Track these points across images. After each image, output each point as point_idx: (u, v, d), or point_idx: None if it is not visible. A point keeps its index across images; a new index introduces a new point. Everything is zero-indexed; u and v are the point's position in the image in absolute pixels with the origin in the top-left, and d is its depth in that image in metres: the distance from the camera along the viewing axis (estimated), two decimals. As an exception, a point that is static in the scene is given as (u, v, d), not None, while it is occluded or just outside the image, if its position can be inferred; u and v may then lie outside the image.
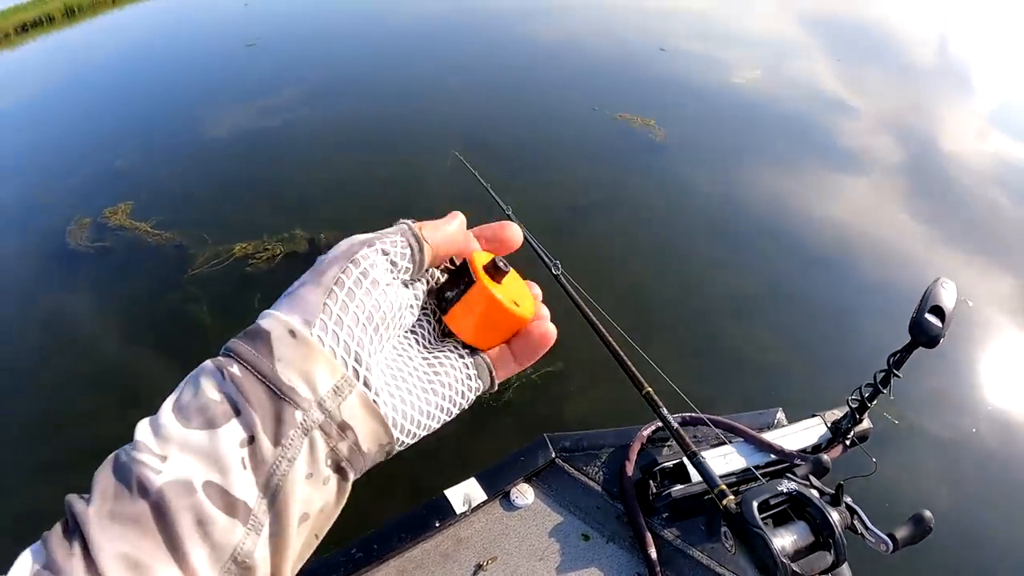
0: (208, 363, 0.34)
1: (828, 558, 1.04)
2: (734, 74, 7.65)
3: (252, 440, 0.32)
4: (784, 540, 0.99)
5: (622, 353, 1.78)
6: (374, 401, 0.35)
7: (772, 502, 1.04)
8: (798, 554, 1.00)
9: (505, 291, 0.41)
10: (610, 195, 5.17)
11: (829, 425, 2.06)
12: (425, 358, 0.42)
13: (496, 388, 0.44)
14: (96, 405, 3.49)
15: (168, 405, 0.33)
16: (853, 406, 2.00)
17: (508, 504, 2.00)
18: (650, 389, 1.76)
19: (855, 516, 1.23)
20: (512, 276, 0.43)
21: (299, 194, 5.37)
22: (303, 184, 5.51)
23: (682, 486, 1.92)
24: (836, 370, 3.50)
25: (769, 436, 2.00)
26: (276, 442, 0.32)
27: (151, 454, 0.31)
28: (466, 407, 0.43)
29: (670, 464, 1.94)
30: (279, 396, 0.33)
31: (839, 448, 2.04)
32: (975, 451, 3.19)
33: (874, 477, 1.84)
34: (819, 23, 9.80)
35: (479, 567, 1.91)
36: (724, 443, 1.96)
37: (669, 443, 2.06)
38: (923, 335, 1.71)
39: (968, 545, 2.67)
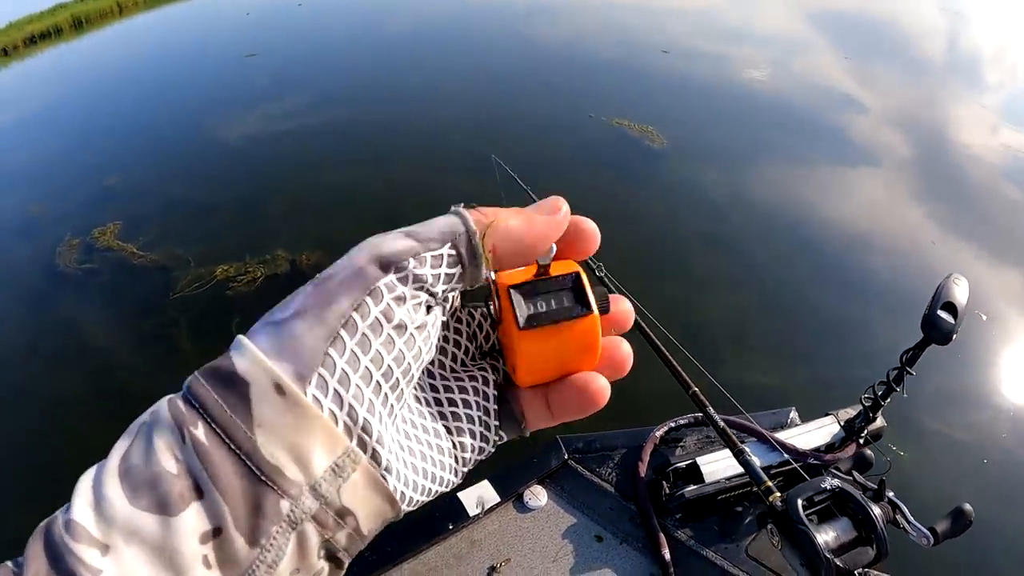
0: (164, 408, 0.26)
1: (870, 553, 1.05)
2: (737, 76, 7.56)
3: (219, 533, 0.24)
4: (827, 536, 1.00)
5: (668, 353, 1.76)
6: (383, 477, 0.27)
7: (816, 499, 1.06)
8: (841, 549, 1.01)
9: None
10: (605, 204, 5.10)
11: (842, 424, 2.05)
12: (436, 398, 0.33)
13: (528, 435, 0.35)
14: (77, 430, 3.44)
15: (114, 463, 0.25)
16: (866, 404, 1.99)
17: (521, 506, 2.00)
18: (696, 389, 1.75)
19: (897, 511, 1.24)
20: None
21: (285, 211, 5.28)
22: (289, 200, 5.42)
23: (695, 486, 1.92)
24: (849, 368, 3.48)
25: (783, 435, 2.00)
26: (253, 541, 0.24)
27: (90, 543, 0.23)
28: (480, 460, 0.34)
29: (683, 465, 1.94)
30: (258, 478, 0.24)
31: (852, 447, 2.04)
32: (991, 449, 3.17)
33: (891, 474, 1.84)
34: (825, 20, 9.76)
35: (493, 569, 1.91)
36: (740, 442, 1.96)
37: (682, 443, 2.06)
38: (936, 332, 1.71)
39: (982, 544, 2.66)
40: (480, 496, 1.97)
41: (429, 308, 0.29)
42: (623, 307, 0.34)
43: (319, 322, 0.26)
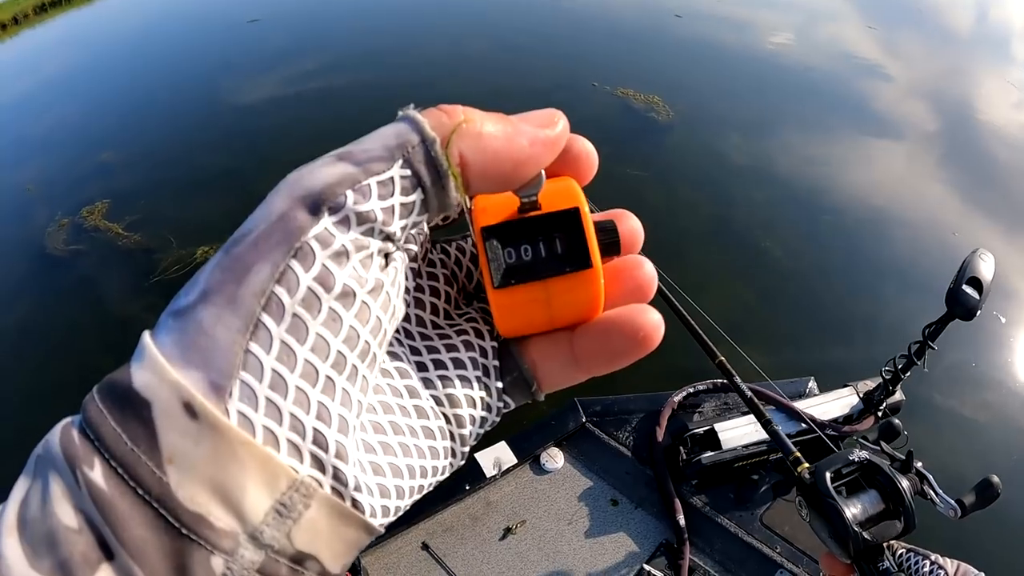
0: (55, 441, 0.19)
1: (898, 526, 1.06)
2: (753, 42, 7.20)
3: None
4: (855, 509, 1.02)
5: (693, 322, 1.75)
6: (354, 503, 0.21)
7: (844, 471, 1.06)
8: (869, 521, 1.02)
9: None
10: (599, 182, 4.96)
11: (861, 396, 2.05)
12: (419, 362, 0.25)
13: (543, 399, 0.27)
14: (49, 424, 3.40)
15: (12, 511, 0.19)
16: (886, 377, 1.98)
17: (538, 468, 2.01)
18: (723, 358, 1.73)
19: (925, 482, 1.24)
20: None
21: (275, 185, 5.19)
22: (283, 173, 5.32)
23: (712, 453, 1.92)
24: (866, 340, 3.45)
25: (801, 405, 2.00)
26: None
27: None
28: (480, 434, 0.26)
29: (701, 431, 1.94)
30: (178, 531, 0.18)
31: (871, 419, 2.04)
32: (1004, 426, 3.16)
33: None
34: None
35: (508, 530, 1.92)
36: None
37: (700, 409, 2.06)
38: (960, 307, 1.69)
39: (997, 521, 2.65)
40: (497, 457, 1.98)
41: (387, 257, 0.22)
42: (630, 226, 0.27)
43: (231, 306, 0.19)
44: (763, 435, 1.92)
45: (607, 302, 0.25)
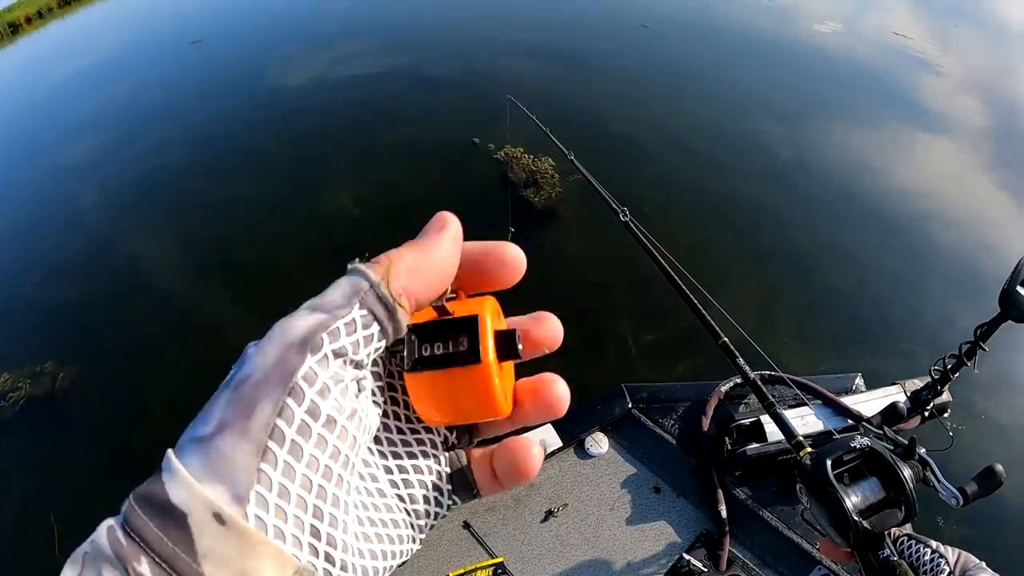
0: (103, 539, 0.24)
1: (899, 515, 1.05)
2: (727, 66, 6.03)
3: None
4: (856, 497, 1.02)
5: (696, 301, 1.75)
6: None
7: (846, 458, 1.07)
8: (870, 509, 1.03)
9: (504, 378, 0.31)
10: None
11: (908, 394, 2.03)
12: (386, 465, 0.32)
13: (483, 497, 0.34)
14: None
15: None
16: (935, 376, 1.97)
17: (582, 452, 2.02)
18: (726, 339, 1.73)
19: (927, 468, 1.23)
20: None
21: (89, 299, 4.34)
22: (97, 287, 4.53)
23: (758, 444, 1.92)
24: (910, 338, 3.41)
25: (847, 401, 1.99)
26: None
27: None
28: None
29: (747, 422, 1.94)
30: None
31: (917, 419, 2.02)
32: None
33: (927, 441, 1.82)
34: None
35: (550, 513, 1.93)
36: (802, 404, 1.95)
37: (747, 400, 2.05)
38: (1014, 308, 1.67)
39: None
40: (542, 440, 1.98)
41: (359, 385, 0.28)
42: (549, 326, 0.33)
43: (245, 437, 0.25)
44: (809, 429, 1.92)
45: (523, 412, 0.33)
